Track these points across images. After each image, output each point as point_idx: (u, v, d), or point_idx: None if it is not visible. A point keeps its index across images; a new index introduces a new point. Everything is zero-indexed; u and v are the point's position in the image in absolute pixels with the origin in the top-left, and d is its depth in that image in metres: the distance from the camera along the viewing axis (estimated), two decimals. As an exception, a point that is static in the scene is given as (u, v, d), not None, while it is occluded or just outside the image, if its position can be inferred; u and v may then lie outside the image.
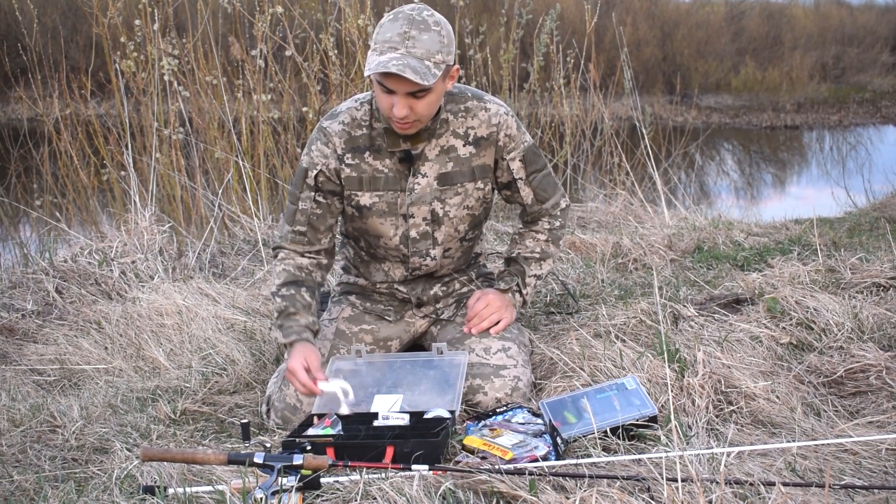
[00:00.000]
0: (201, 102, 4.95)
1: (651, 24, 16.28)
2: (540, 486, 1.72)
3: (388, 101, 2.16)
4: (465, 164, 2.38)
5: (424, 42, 2.09)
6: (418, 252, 2.46)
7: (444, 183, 2.38)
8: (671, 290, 3.17)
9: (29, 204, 5.01)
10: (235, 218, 4.73)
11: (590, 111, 6.00)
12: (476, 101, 2.36)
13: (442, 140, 2.35)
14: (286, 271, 2.39)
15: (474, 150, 2.38)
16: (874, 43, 19.19)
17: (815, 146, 12.73)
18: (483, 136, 2.37)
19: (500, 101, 2.42)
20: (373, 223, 2.41)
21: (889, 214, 4.86)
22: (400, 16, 2.11)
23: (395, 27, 2.10)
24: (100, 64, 5.33)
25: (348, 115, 2.37)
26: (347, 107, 2.39)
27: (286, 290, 2.35)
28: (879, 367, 2.25)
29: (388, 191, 2.37)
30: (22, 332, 3.26)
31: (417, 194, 2.37)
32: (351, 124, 2.36)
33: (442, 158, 2.36)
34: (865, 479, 1.80)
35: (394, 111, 2.15)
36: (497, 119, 2.36)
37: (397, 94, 2.13)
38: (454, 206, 2.41)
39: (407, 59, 2.06)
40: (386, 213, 2.39)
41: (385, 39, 2.10)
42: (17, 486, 2.00)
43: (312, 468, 1.77)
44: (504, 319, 2.46)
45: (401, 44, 2.08)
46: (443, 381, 2.30)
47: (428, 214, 2.40)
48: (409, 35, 2.08)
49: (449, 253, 2.52)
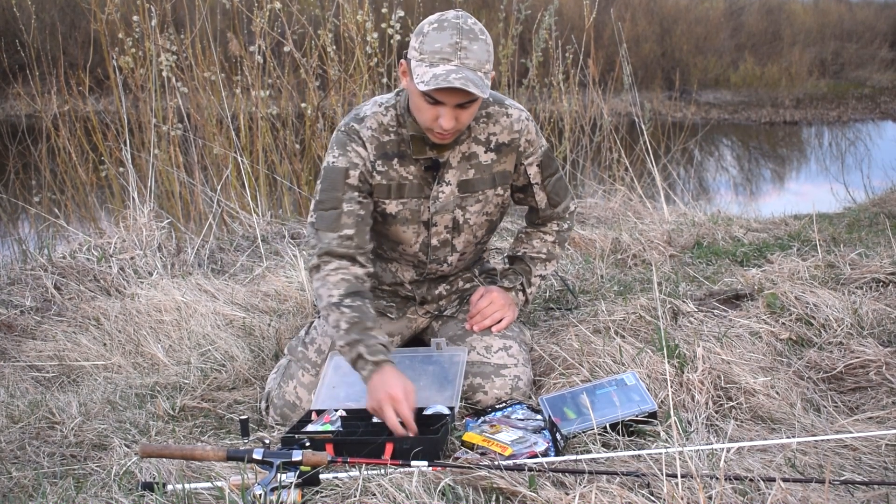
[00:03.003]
0: (200, 98, 4.94)
1: (650, 19, 16.27)
2: (539, 482, 1.71)
3: (433, 112, 2.09)
4: (486, 170, 2.34)
5: (476, 52, 2.03)
6: (437, 259, 2.44)
7: (465, 190, 2.34)
8: (670, 286, 3.17)
9: (27, 200, 5.01)
10: (234, 214, 4.73)
11: (589, 107, 6.00)
12: (497, 105, 2.31)
13: (463, 146, 2.30)
14: (345, 281, 2.18)
15: (496, 156, 2.34)
16: (873, 39, 19.18)
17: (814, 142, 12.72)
18: (505, 142, 2.33)
19: (519, 104, 2.38)
20: (395, 230, 2.37)
21: (888, 210, 4.86)
22: (446, 24, 2.04)
23: (444, 37, 2.02)
24: (98, 60, 5.33)
25: (375, 121, 2.27)
26: (372, 111, 2.29)
27: (352, 301, 2.15)
28: (879, 362, 2.25)
29: (413, 198, 2.32)
30: (21, 328, 3.26)
31: (441, 203, 2.33)
32: (378, 130, 2.27)
33: (463, 165, 2.32)
34: (865, 474, 1.80)
35: (441, 123, 2.08)
36: (519, 125, 2.32)
37: (445, 106, 2.07)
38: (474, 214, 2.39)
39: (465, 72, 2.01)
40: (409, 220, 2.35)
41: (435, 50, 2.02)
42: (15, 482, 2.00)
43: (312, 464, 1.77)
44: (506, 318, 2.45)
45: (453, 55, 2.01)
46: (442, 377, 2.29)
47: (450, 222, 2.38)
48: (461, 45, 2.02)
49: (464, 257, 2.51)
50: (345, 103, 5.06)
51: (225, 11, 5.26)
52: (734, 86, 16.68)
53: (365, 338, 2.09)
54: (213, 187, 4.85)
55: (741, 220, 4.58)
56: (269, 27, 4.84)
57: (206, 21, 4.86)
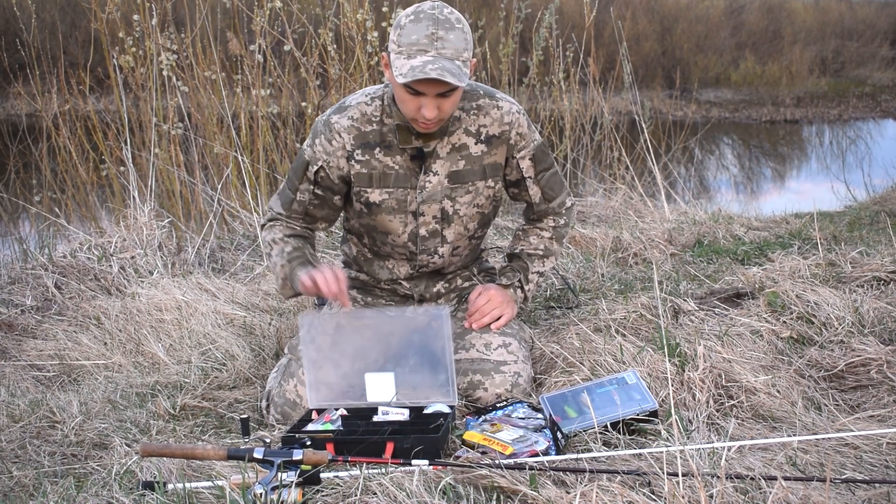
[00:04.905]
0: (200, 98, 4.94)
1: (650, 18, 16.25)
2: (540, 480, 1.71)
3: (415, 103, 2.13)
4: (476, 162, 2.36)
5: (452, 41, 2.06)
6: (426, 250, 2.45)
7: (455, 181, 2.36)
8: (671, 285, 3.16)
9: (28, 200, 5.01)
10: (235, 213, 4.73)
11: (589, 105, 5.99)
12: (488, 98, 2.34)
13: (454, 138, 2.32)
14: (290, 228, 2.43)
15: (486, 148, 2.36)
16: (874, 37, 19.16)
17: (815, 140, 12.71)
18: (495, 134, 2.35)
19: (512, 98, 2.40)
20: (382, 220, 2.39)
21: (889, 208, 4.85)
22: (422, 16, 2.07)
23: (420, 28, 2.05)
24: (98, 59, 5.32)
25: (357, 111, 2.32)
26: (357, 101, 2.34)
27: (294, 242, 2.38)
28: (880, 360, 2.25)
29: (399, 188, 2.35)
30: (21, 327, 3.26)
31: (428, 192, 2.35)
32: (360, 119, 2.31)
33: (453, 156, 2.34)
34: (866, 473, 1.80)
35: (423, 113, 2.12)
36: (509, 118, 2.34)
37: (426, 97, 2.10)
38: (464, 205, 2.40)
39: (441, 62, 2.03)
40: (395, 210, 2.37)
41: (411, 42, 2.05)
42: (16, 481, 2.00)
43: (312, 463, 1.77)
44: (505, 315, 2.45)
45: (430, 45, 2.04)
46: (430, 353, 2.16)
47: (438, 213, 2.39)
48: (437, 36, 2.04)
49: (457, 251, 2.51)
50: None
51: (225, 10, 5.25)
52: (735, 84, 16.67)
53: (300, 265, 2.29)
54: (213, 186, 4.85)
55: (742, 218, 4.58)
56: (269, 26, 4.84)
57: (206, 20, 4.86)
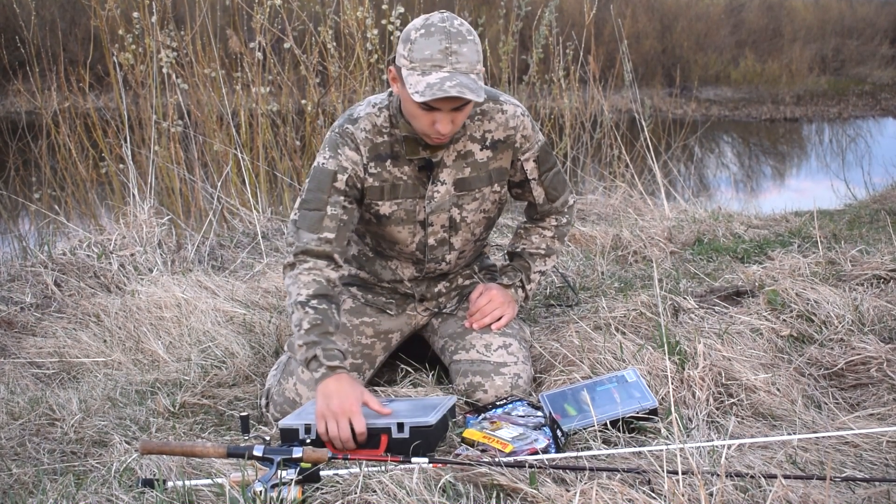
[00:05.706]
0: (200, 95, 4.94)
1: (650, 16, 16.24)
2: (540, 478, 1.71)
3: (429, 118, 2.08)
4: (482, 168, 2.33)
5: (466, 55, 2.01)
6: (435, 258, 2.43)
7: (462, 189, 2.33)
8: (671, 283, 3.16)
9: (27, 197, 5.00)
10: (234, 211, 4.73)
11: (589, 103, 5.99)
12: (492, 102, 2.30)
13: (459, 145, 2.29)
14: (316, 282, 2.16)
15: (491, 153, 2.33)
16: (874, 35, 19.14)
17: (815, 138, 12.71)
18: (500, 139, 2.32)
19: (515, 99, 2.37)
20: (390, 231, 2.36)
21: (889, 206, 4.85)
22: (433, 29, 2.02)
23: (433, 43, 2.00)
24: (98, 57, 5.32)
25: (368, 122, 2.26)
26: (366, 112, 2.27)
27: (318, 303, 2.13)
28: (880, 359, 2.25)
29: (407, 198, 2.31)
30: (21, 324, 3.26)
31: (437, 202, 2.32)
32: (372, 131, 2.25)
33: (459, 164, 2.31)
34: (866, 471, 1.80)
35: (437, 128, 2.08)
36: (514, 121, 2.31)
37: (441, 111, 2.05)
38: (471, 212, 2.38)
39: (458, 77, 1.99)
40: (404, 220, 2.34)
41: (425, 58, 2.00)
42: (15, 479, 1.99)
43: (312, 461, 1.77)
44: (506, 315, 2.44)
45: (444, 60, 2.00)
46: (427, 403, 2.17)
47: (446, 221, 2.36)
48: (451, 50, 2.00)
49: (463, 255, 2.50)
50: (345, 100, 5.06)
51: (225, 8, 5.25)
52: (735, 82, 16.66)
53: (323, 341, 2.07)
54: (213, 184, 4.84)
55: (742, 216, 4.58)
56: (269, 24, 4.83)
57: (206, 17, 4.86)
